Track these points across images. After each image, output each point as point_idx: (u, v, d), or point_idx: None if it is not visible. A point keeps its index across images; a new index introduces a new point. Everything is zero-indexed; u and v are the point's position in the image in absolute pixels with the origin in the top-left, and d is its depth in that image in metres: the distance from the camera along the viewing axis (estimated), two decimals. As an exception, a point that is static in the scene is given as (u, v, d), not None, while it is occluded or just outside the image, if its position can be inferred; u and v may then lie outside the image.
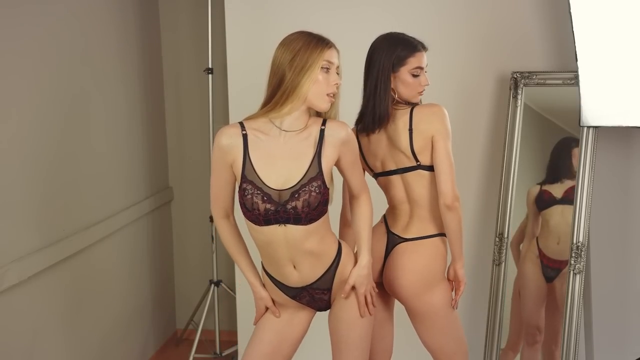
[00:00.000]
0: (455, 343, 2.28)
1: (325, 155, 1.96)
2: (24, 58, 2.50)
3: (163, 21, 3.75)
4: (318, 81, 1.93)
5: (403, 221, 2.25)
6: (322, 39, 1.97)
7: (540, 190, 2.87)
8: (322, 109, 1.97)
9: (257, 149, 1.96)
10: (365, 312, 2.07)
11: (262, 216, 1.94)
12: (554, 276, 2.83)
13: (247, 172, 1.94)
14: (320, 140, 1.97)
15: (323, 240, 2.01)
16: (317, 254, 2.01)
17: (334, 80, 1.96)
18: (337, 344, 2.11)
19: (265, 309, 2.15)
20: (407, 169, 2.18)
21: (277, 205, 1.93)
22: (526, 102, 2.90)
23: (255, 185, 1.94)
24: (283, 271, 2.04)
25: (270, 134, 1.97)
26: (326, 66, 1.94)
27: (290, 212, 1.93)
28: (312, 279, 2.04)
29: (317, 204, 1.93)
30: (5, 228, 2.39)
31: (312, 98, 1.94)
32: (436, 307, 2.21)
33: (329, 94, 1.95)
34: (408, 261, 2.20)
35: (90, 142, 2.98)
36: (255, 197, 1.93)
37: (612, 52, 2.59)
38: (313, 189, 1.93)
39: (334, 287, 2.06)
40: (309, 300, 2.10)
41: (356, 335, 2.07)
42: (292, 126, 1.97)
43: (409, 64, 2.15)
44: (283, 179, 1.94)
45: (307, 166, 1.94)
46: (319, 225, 1.98)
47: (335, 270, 2.05)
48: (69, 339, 2.82)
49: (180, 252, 3.97)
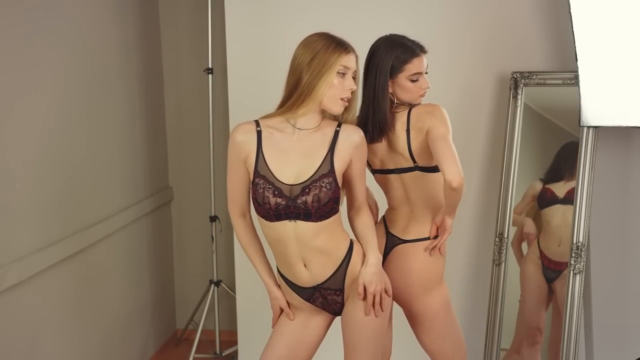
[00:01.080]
0: (454, 345, 2.28)
1: (339, 154, 2.00)
2: (23, 58, 2.50)
3: (163, 21, 3.75)
4: (333, 85, 1.96)
5: (402, 222, 2.24)
6: (342, 43, 1.99)
7: (543, 188, 2.87)
8: (335, 112, 2.00)
9: (271, 146, 2.00)
10: (379, 313, 2.04)
11: (273, 210, 1.97)
12: (554, 277, 2.83)
13: (260, 167, 1.99)
14: (334, 140, 2.00)
15: (333, 238, 2.02)
16: (327, 251, 2.01)
17: (349, 86, 1.98)
18: (349, 345, 2.10)
19: (280, 311, 2.17)
20: (405, 169, 2.18)
21: (287, 199, 1.96)
22: (526, 102, 2.90)
23: (267, 180, 1.97)
24: (294, 270, 2.05)
25: (284, 132, 2.01)
26: (342, 71, 1.97)
27: (301, 207, 1.95)
28: (322, 278, 2.05)
29: (327, 200, 1.95)
30: (5, 228, 2.39)
31: (326, 101, 1.98)
32: (434, 309, 2.21)
33: (342, 98, 1.98)
34: (406, 263, 2.20)
35: (90, 142, 2.98)
36: (267, 192, 1.96)
37: (612, 52, 2.59)
38: (324, 184, 1.96)
39: (346, 287, 2.06)
40: (322, 302, 2.10)
41: (368, 337, 2.06)
42: (306, 125, 2.02)
43: (406, 71, 2.14)
44: (295, 175, 1.98)
45: (319, 163, 1.98)
46: (330, 223, 1.99)
47: (346, 269, 2.05)
48: (69, 339, 2.82)
49: (180, 252, 3.97)
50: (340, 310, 2.13)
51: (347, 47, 1.99)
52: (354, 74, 2.01)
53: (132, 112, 3.42)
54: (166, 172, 3.88)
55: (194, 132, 3.82)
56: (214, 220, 3.59)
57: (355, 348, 2.08)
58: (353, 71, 2.00)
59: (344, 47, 1.98)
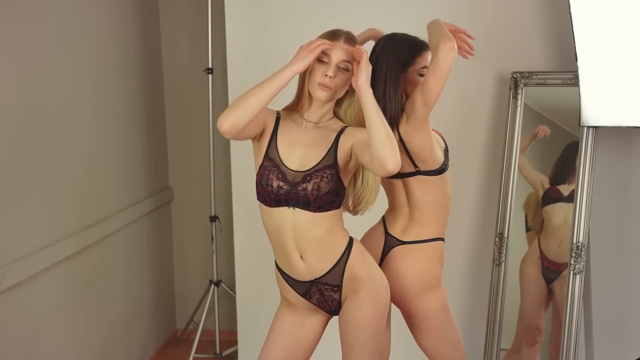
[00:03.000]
0: (452, 347, 2.27)
1: (341, 147, 2.01)
2: (23, 58, 2.50)
3: (163, 21, 3.75)
4: (312, 70, 1.99)
5: (402, 224, 2.24)
6: (331, 34, 2.01)
7: (550, 187, 2.87)
8: (317, 97, 2.01)
9: (283, 133, 2.06)
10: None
11: (274, 194, 2.00)
12: (553, 278, 2.83)
13: (270, 151, 2.04)
14: (339, 135, 2.04)
15: (331, 232, 2.02)
16: (325, 244, 2.02)
17: (326, 71, 1.98)
18: (347, 346, 2.10)
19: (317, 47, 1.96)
20: (407, 174, 2.17)
21: (289, 184, 1.99)
22: (526, 102, 2.90)
23: (274, 163, 2.02)
24: (291, 261, 2.06)
25: (296, 122, 2.08)
26: (322, 58, 1.98)
27: (301, 194, 1.98)
28: (320, 272, 2.05)
29: (327, 190, 1.97)
30: (5, 228, 2.39)
31: (309, 87, 2.02)
32: (431, 311, 2.20)
33: (320, 83, 1.98)
34: (403, 265, 2.19)
35: (90, 142, 2.98)
36: (272, 174, 2.01)
37: (612, 52, 2.59)
38: (325, 175, 1.99)
39: (344, 284, 2.06)
40: (319, 298, 2.10)
41: (366, 337, 2.06)
42: (312, 117, 2.06)
43: (417, 64, 2.15)
44: (300, 162, 2.02)
45: (323, 154, 2.01)
46: (328, 216, 2.01)
47: (344, 265, 2.05)
48: (69, 339, 2.82)
49: (180, 252, 3.97)
50: (336, 309, 2.13)
51: (333, 35, 1.99)
52: (344, 65, 1.98)
53: (132, 112, 3.42)
54: (166, 172, 3.88)
55: (194, 132, 3.82)
56: (214, 220, 3.59)
57: (354, 348, 2.08)
58: (340, 61, 1.98)
59: (331, 35, 2.00)
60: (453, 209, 2.27)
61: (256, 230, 2.17)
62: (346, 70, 1.99)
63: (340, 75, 1.99)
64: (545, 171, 2.89)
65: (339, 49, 1.98)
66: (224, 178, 3.71)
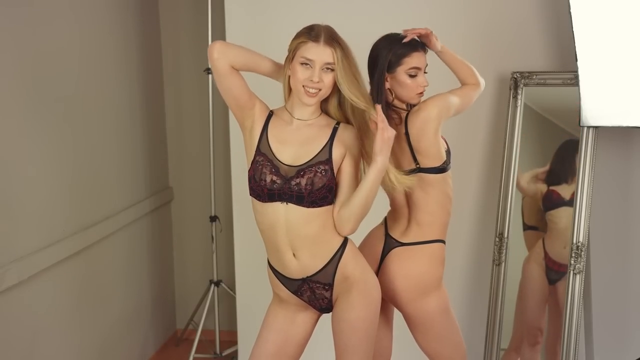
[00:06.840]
0: (452, 348, 2.27)
1: (337, 146, 2.01)
2: (23, 57, 2.50)
3: (163, 21, 3.75)
4: (294, 73, 1.97)
5: (402, 225, 2.23)
6: (310, 31, 1.97)
7: (548, 190, 2.86)
8: (304, 103, 2.00)
9: (274, 129, 2.05)
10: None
11: (267, 189, 1.99)
12: (557, 279, 2.82)
13: (262, 145, 2.03)
14: (334, 134, 2.03)
15: (325, 229, 2.02)
16: (318, 241, 2.01)
17: (311, 76, 1.95)
18: (340, 346, 2.10)
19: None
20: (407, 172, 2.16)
21: (283, 179, 1.98)
22: (526, 102, 2.90)
23: (266, 157, 2.01)
24: (283, 259, 2.05)
25: (286, 120, 2.06)
26: (304, 62, 1.95)
27: (294, 189, 1.97)
28: (312, 270, 2.04)
29: (320, 186, 1.97)
30: (5, 228, 2.39)
31: (293, 90, 2.01)
32: (431, 313, 2.20)
33: (305, 87, 1.96)
34: (402, 266, 2.19)
35: (90, 142, 2.98)
36: (265, 168, 2.00)
37: (612, 52, 2.59)
38: (319, 170, 1.98)
39: (336, 283, 2.06)
40: (310, 296, 2.09)
41: (360, 337, 2.06)
42: (301, 115, 2.05)
43: (405, 64, 2.13)
44: (293, 158, 2.01)
45: (317, 150, 2.01)
46: (321, 212, 2.00)
47: (337, 264, 2.04)
48: (69, 339, 2.83)
49: (180, 252, 3.97)
50: (327, 307, 2.12)
51: (312, 38, 1.95)
52: (330, 66, 1.95)
53: (132, 112, 3.42)
54: (166, 172, 3.88)
55: (194, 132, 3.82)
56: (214, 220, 3.59)
57: (347, 348, 2.08)
58: (324, 64, 1.95)
59: (310, 36, 1.96)
60: (453, 209, 2.27)
61: (256, 230, 2.16)
62: (330, 70, 1.96)
63: (325, 77, 1.96)
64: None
65: (320, 51, 1.94)
66: (224, 178, 3.71)
